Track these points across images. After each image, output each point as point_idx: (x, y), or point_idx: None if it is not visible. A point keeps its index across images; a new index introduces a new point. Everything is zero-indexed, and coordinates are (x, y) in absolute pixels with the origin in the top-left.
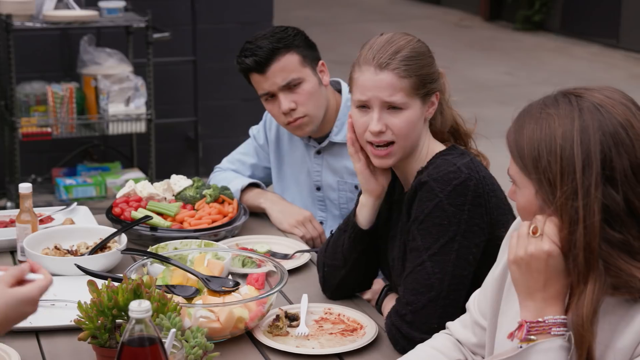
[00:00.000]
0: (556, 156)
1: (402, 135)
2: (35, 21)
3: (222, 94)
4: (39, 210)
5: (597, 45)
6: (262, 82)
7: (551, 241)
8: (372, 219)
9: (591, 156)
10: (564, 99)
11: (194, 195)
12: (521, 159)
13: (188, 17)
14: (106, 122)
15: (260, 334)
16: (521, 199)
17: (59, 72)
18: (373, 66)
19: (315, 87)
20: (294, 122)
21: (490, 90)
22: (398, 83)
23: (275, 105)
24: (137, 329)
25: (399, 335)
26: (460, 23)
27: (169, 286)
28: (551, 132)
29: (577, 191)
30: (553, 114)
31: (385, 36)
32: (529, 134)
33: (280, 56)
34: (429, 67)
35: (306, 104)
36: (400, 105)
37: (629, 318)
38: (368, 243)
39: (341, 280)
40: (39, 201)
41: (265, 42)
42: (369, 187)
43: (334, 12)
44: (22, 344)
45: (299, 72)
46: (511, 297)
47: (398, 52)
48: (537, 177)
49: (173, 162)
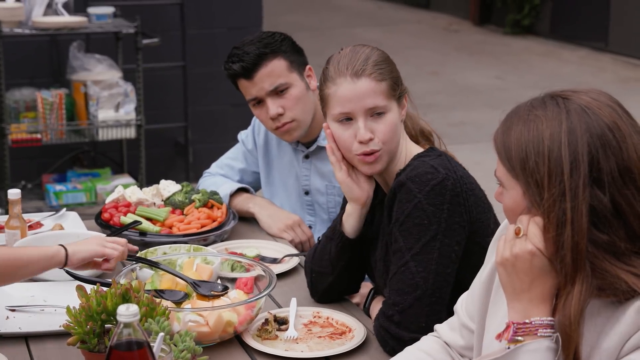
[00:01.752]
0: (544, 158)
1: (388, 139)
2: (24, 27)
3: (211, 100)
4: (28, 216)
5: (586, 49)
6: (250, 88)
7: (534, 241)
8: (358, 227)
9: (579, 158)
10: (551, 101)
11: (182, 200)
12: (508, 161)
13: (177, 23)
14: (96, 128)
15: (249, 338)
16: (508, 201)
17: (49, 79)
18: (349, 76)
19: (303, 91)
20: (282, 127)
21: (480, 94)
22: (377, 87)
23: (263, 111)
24: (125, 333)
25: (388, 336)
26: (450, 27)
27: (158, 291)
28: (539, 133)
29: (564, 193)
30: (541, 116)
31: (347, 49)
32: (516, 136)
33: (267, 61)
34: (396, 70)
35: (294, 108)
36: (382, 109)
37: (615, 319)
38: (357, 252)
39: (329, 286)
40: (29, 207)
41: (252, 47)
42: (353, 196)
43: (323, 17)
44: (11, 350)
45: (286, 77)
46: (499, 299)
47: (368, 59)
48: (525, 179)
49: (163, 168)
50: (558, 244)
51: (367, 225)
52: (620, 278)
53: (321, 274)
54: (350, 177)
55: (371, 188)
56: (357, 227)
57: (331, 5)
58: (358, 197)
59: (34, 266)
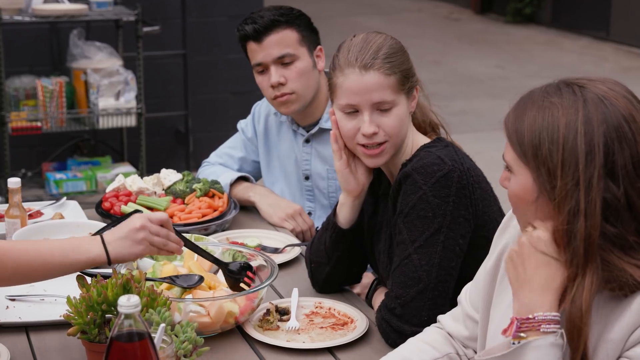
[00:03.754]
0: (558, 146)
1: (395, 134)
2: (24, 15)
3: (211, 88)
4: (28, 204)
5: (587, 38)
6: (257, 52)
7: (542, 231)
8: (352, 218)
9: (594, 149)
10: (567, 89)
11: (184, 190)
12: (520, 146)
13: (178, 11)
14: (96, 116)
15: (250, 329)
16: (515, 186)
17: (49, 66)
18: (357, 68)
19: (309, 67)
20: (281, 97)
21: (481, 83)
22: (385, 81)
23: (265, 78)
24: (126, 324)
25: (390, 329)
26: (451, 16)
27: (172, 277)
28: (554, 120)
29: (579, 183)
30: (556, 103)
31: (359, 37)
32: (530, 121)
33: (279, 29)
34: (408, 61)
35: (295, 81)
36: (389, 104)
37: (619, 312)
38: (351, 241)
39: (327, 276)
40: (29, 196)
41: (268, 13)
42: (348, 187)
43: (323, 5)
44: (11, 340)
45: (294, 48)
46: (503, 290)
47: (379, 51)
48: (536, 165)
49: (163, 156)
50: (570, 234)
51: (371, 216)
52: (627, 271)
53: (319, 264)
54: (348, 168)
55: (368, 180)
56: (350, 218)
57: None
58: (353, 188)
59: (71, 269)
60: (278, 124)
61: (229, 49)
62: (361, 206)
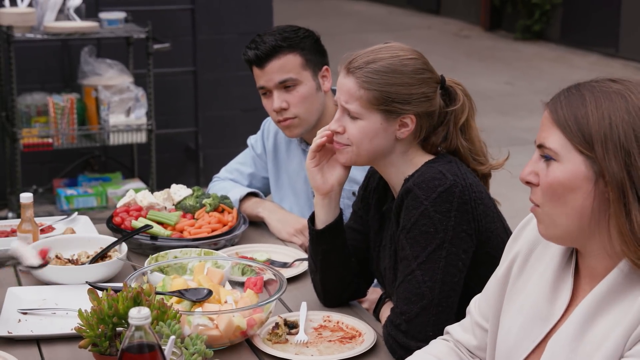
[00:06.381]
0: (626, 134)
1: (356, 142)
2: (36, 32)
3: (221, 105)
4: (40, 220)
5: (596, 55)
6: (260, 77)
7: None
8: (325, 219)
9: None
10: (623, 81)
11: (193, 205)
12: (581, 132)
13: (188, 28)
14: (107, 132)
15: (259, 342)
16: (561, 173)
17: (60, 83)
18: (344, 69)
19: (312, 91)
20: (284, 122)
21: (490, 99)
22: (356, 92)
23: (269, 101)
24: (137, 336)
25: (396, 345)
26: (460, 33)
27: (181, 290)
28: (626, 104)
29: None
30: (621, 90)
31: (382, 45)
32: (593, 107)
33: (281, 54)
34: (403, 86)
35: (298, 106)
36: (354, 114)
37: (633, 298)
38: (332, 244)
39: (322, 284)
40: (40, 211)
41: (271, 38)
42: (314, 184)
43: (334, 22)
44: (23, 353)
45: (297, 73)
46: (513, 296)
47: (371, 63)
48: (595, 155)
49: (173, 172)
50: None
51: (377, 231)
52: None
53: (311, 273)
54: (317, 167)
55: (337, 181)
56: (323, 218)
57: (342, 11)
58: (318, 186)
59: None
60: (287, 142)
61: (238, 66)
62: (337, 209)
